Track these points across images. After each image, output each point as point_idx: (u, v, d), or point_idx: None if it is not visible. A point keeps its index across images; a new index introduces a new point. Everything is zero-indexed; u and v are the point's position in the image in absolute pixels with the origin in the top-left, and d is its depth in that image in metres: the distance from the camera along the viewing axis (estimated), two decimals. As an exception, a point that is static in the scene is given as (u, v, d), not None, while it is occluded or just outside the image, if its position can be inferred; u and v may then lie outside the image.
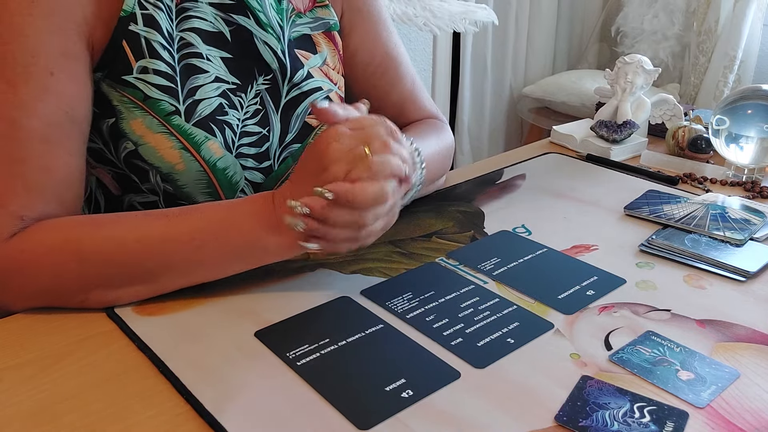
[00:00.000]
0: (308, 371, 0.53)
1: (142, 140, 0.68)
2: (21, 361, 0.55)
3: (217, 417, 0.48)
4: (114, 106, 0.67)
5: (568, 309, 0.62)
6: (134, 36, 0.66)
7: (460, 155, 2.59)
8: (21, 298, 0.61)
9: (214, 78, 0.71)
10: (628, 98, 1.02)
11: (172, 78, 0.68)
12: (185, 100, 0.69)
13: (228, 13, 0.72)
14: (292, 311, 0.61)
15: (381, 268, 0.69)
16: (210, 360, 0.55)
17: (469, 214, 0.81)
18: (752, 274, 0.68)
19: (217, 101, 0.71)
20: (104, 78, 0.66)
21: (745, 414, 0.50)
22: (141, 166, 0.70)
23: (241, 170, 0.73)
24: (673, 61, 2.46)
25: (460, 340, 0.57)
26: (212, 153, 0.70)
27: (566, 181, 0.92)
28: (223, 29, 0.72)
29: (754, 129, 0.88)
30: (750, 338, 0.58)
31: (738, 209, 0.80)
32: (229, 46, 0.72)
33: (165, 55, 0.67)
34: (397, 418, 0.49)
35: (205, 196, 0.72)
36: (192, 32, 0.69)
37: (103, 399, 0.51)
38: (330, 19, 0.81)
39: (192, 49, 0.69)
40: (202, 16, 0.70)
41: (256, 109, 0.74)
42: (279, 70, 0.75)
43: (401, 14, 1.77)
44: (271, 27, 0.74)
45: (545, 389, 0.52)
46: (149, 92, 0.67)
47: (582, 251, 0.73)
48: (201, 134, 0.69)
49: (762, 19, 2.28)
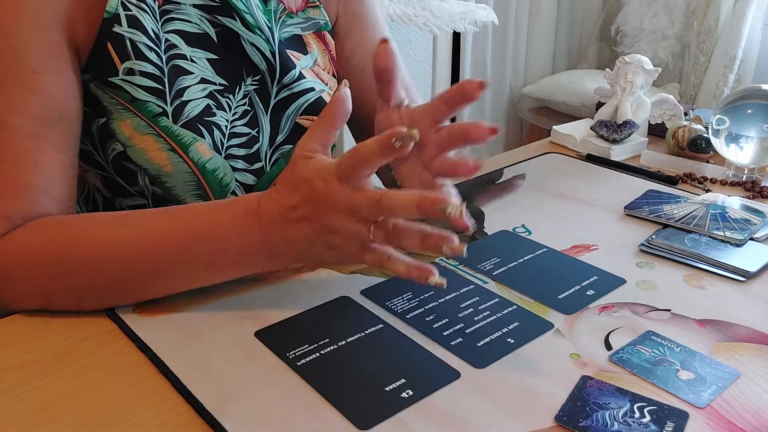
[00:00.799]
0: (308, 371, 0.53)
1: (130, 142, 0.68)
2: (21, 361, 0.55)
3: (217, 417, 0.48)
4: (104, 107, 0.67)
5: (568, 309, 0.62)
6: (119, 37, 0.65)
7: (460, 155, 2.59)
8: (17, 300, 0.61)
9: (199, 79, 0.70)
10: (628, 98, 1.02)
11: (159, 79, 0.67)
12: (173, 101, 0.68)
13: (213, 15, 0.71)
14: (292, 311, 0.61)
15: (381, 268, 0.69)
16: (210, 360, 0.55)
17: (469, 214, 0.81)
18: (752, 274, 0.68)
19: (204, 102, 0.70)
20: (92, 79, 0.66)
21: (745, 414, 0.50)
22: (129, 168, 0.69)
23: (232, 172, 0.73)
24: (673, 60, 2.46)
25: (460, 340, 0.57)
26: (201, 154, 0.70)
27: (566, 181, 0.92)
28: (209, 31, 0.71)
29: (754, 129, 0.88)
30: (750, 338, 0.58)
31: (738, 209, 0.80)
32: (215, 48, 0.72)
33: (152, 57, 0.67)
34: (397, 418, 0.49)
35: (195, 198, 0.71)
36: (175, 34, 0.69)
37: (103, 399, 0.51)
38: (321, 19, 0.80)
39: (176, 51, 0.69)
40: (185, 18, 0.70)
41: (244, 110, 0.74)
42: (267, 71, 0.74)
43: (401, 14, 1.77)
44: (258, 28, 0.73)
45: (545, 389, 0.52)
46: (136, 94, 0.66)
47: (582, 251, 0.73)
48: (189, 135, 0.69)
49: (762, 19, 2.28)
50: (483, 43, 2.54)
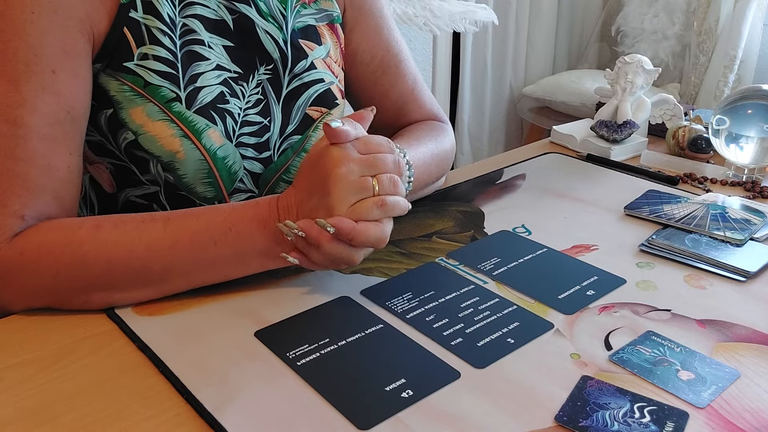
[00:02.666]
0: (308, 371, 0.53)
1: (142, 129, 0.68)
2: (21, 360, 0.55)
3: (217, 417, 0.48)
4: (112, 97, 0.67)
5: (568, 309, 0.62)
6: (135, 23, 0.66)
7: (460, 155, 2.59)
8: (21, 299, 0.61)
9: (215, 66, 0.71)
10: (628, 98, 1.02)
11: (172, 64, 0.68)
12: (186, 86, 0.69)
13: (231, 2, 0.72)
14: (292, 311, 0.61)
15: (381, 268, 0.69)
16: (210, 360, 0.55)
17: (469, 214, 0.81)
18: (752, 274, 0.68)
19: (218, 89, 0.71)
20: (104, 68, 0.66)
21: (745, 414, 0.50)
22: (141, 156, 0.70)
23: (241, 160, 0.74)
24: (673, 60, 2.46)
25: (460, 340, 0.57)
26: (213, 141, 0.70)
27: (566, 181, 0.92)
28: (226, 17, 0.72)
29: (754, 129, 0.88)
30: (750, 338, 0.58)
31: (738, 209, 0.80)
32: (231, 35, 0.72)
33: (166, 41, 0.68)
34: (397, 418, 0.49)
35: (205, 185, 0.72)
36: (194, 18, 0.70)
37: (102, 399, 0.51)
38: (333, 11, 0.81)
39: (194, 36, 0.70)
40: (205, 3, 0.71)
41: (257, 99, 0.75)
42: (280, 60, 0.75)
43: (401, 14, 1.77)
44: (272, 16, 0.74)
45: (545, 389, 0.52)
46: (150, 78, 0.67)
47: (582, 251, 0.73)
48: (202, 122, 0.69)
49: (762, 19, 2.28)
50: (483, 43, 2.54)
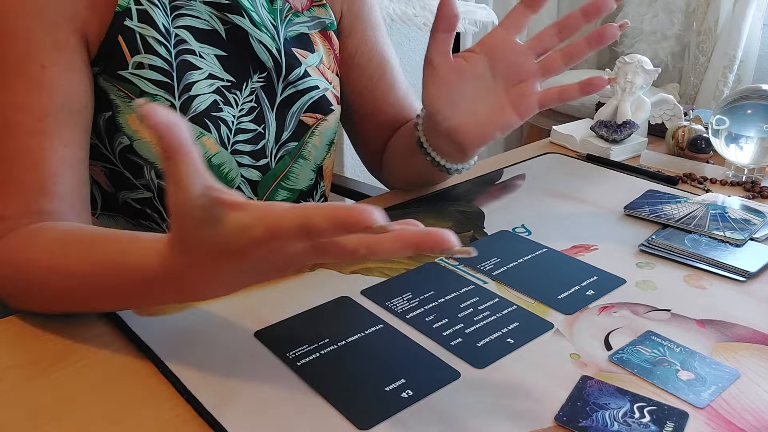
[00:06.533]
0: (308, 371, 0.53)
1: (137, 135, 0.69)
2: (21, 361, 0.55)
3: (217, 417, 0.48)
4: (111, 100, 0.68)
5: (568, 309, 0.62)
6: (129, 31, 0.66)
7: (460, 155, 2.59)
8: (12, 301, 0.61)
9: (207, 75, 0.71)
10: (627, 98, 1.02)
11: (167, 73, 0.68)
12: (180, 95, 0.69)
13: (223, 12, 0.72)
14: (292, 311, 0.61)
15: (381, 268, 0.69)
16: (210, 360, 0.55)
17: (469, 214, 0.81)
18: (752, 274, 0.68)
19: (212, 98, 0.71)
20: (101, 72, 0.67)
21: (745, 414, 0.50)
22: (135, 161, 0.70)
23: (237, 167, 0.74)
24: (672, 60, 2.46)
25: (460, 340, 0.57)
26: (207, 149, 0.71)
27: (566, 181, 0.92)
28: (218, 27, 0.72)
29: (754, 129, 0.88)
30: (750, 338, 0.58)
31: (738, 209, 0.80)
32: (223, 44, 0.73)
33: (161, 51, 0.68)
34: (396, 418, 0.49)
35: None
36: (184, 29, 0.70)
37: (102, 399, 0.51)
38: (326, 19, 0.81)
39: (186, 46, 0.70)
40: (195, 14, 0.71)
41: (251, 107, 0.75)
42: (274, 69, 0.76)
43: (401, 14, 1.77)
44: (264, 26, 0.75)
45: (545, 389, 0.52)
46: (145, 87, 0.67)
47: (582, 251, 0.73)
48: (196, 130, 0.70)
49: (762, 19, 2.28)
50: (483, 43, 2.54)
